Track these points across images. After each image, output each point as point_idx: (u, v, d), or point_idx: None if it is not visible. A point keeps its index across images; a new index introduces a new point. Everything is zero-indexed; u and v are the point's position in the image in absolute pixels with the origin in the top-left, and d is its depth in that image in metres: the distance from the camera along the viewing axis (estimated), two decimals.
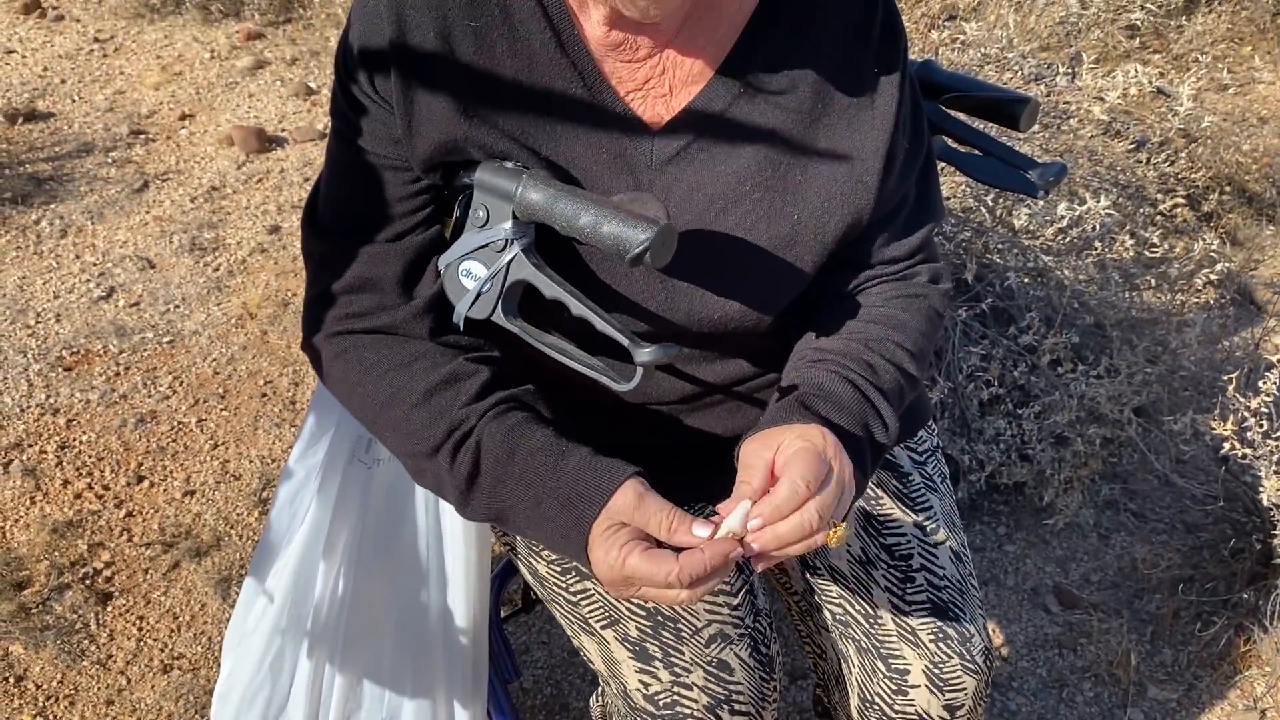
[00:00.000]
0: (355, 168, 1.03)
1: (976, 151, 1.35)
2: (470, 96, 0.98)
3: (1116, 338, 2.34)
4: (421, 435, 1.00)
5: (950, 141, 1.39)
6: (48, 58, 4.35)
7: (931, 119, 1.36)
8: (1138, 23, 2.87)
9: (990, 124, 1.41)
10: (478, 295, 1.02)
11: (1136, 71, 2.20)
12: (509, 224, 0.99)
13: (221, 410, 2.58)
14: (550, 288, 0.99)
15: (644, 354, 0.96)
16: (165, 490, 2.36)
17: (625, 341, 0.97)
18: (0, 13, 4.75)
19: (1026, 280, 2.39)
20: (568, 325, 1.01)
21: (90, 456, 2.42)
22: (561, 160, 1.01)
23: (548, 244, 1.01)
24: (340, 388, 1.07)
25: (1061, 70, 2.63)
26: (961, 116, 1.37)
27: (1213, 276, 2.43)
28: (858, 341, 1.07)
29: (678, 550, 0.88)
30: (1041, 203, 2.29)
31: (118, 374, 2.66)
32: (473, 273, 1.02)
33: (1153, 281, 2.47)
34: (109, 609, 2.09)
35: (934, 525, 1.27)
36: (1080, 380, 2.25)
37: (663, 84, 1.01)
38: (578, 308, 0.98)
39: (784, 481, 0.87)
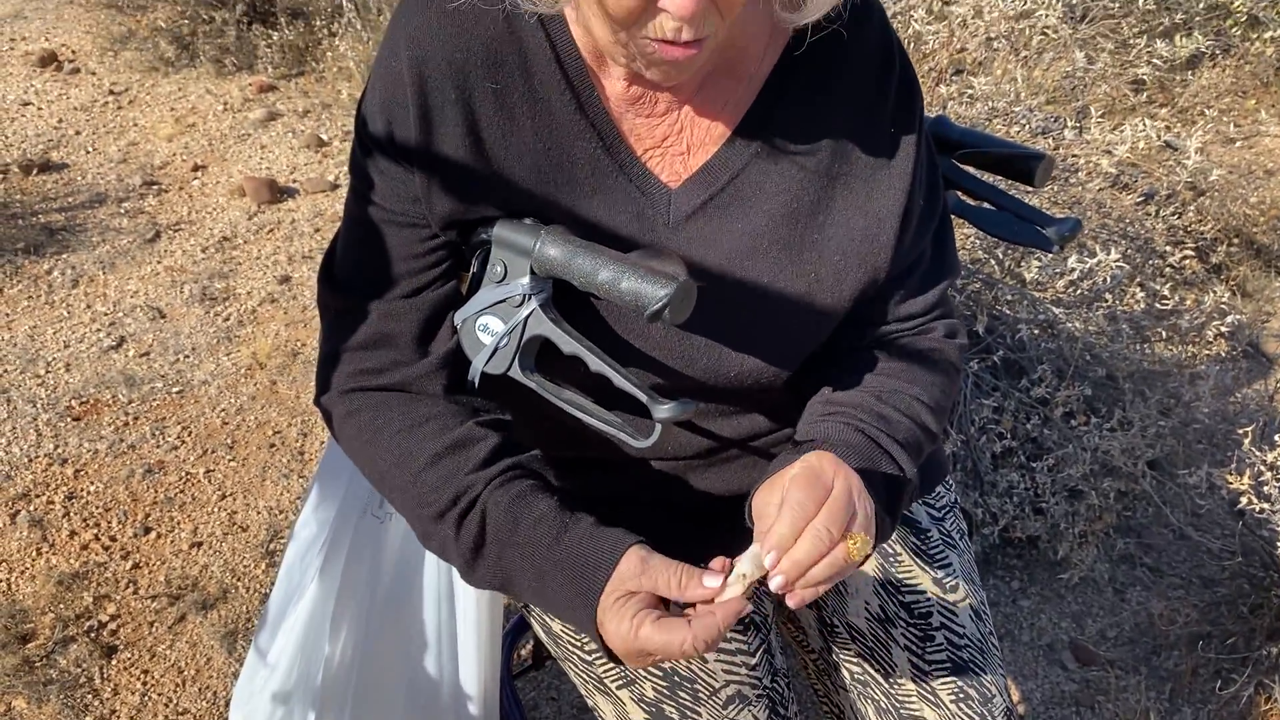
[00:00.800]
0: (372, 224, 1.03)
1: (990, 206, 1.35)
2: (490, 157, 0.98)
3: (1129, 390, 2.33)
4: (428, 499, 1.00)
5: (964, 196, 1.39)
6: (63, 110, 4.39)
7: (946, 174, 1.36)
8: (1144, 77, 2.89)
9: (1002, 178, 1.41)
10: (494, 350, 1.02)
11: (1145, 125, 2.21)
12: (527, 279, 0.99)
13: (229, 461, 2.57)
14: (568, 343, 0.99)
15: (662, 410, 0.95)
16: (172, 541, 2.34)
17: (644, 398, 0.96)
18: (17, 65, 4.81)
19: (1037, 332, 2.38)
20: (585, 380, 1.01)
21: (97, 507, 2.41)
22: (579, 218, 1.01)
23: (565, 299, 1.01)
24: (352, 446, 1.06)
25: (1069, 124, 2.65)
26: (975, 171, 1.38)
27: (1224, 329, 2.43)
28: (870, 394, 1.07)
29: (690, 605, 0.87)
30: (1051, 255, 2.30)
31: (126, 424, 2.66)
32: (490, 328, 1.02)
33: (1164, 334, 2.47)
34: (114, 663, 2.06)
35: (953, 582, 1.25)
36: (1093, 433, 2.24)
37: (680, 142, 1.02)
38: (595, 364, 0.98)
39: (785, 507, 0.86)
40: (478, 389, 1.05)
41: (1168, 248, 2.75)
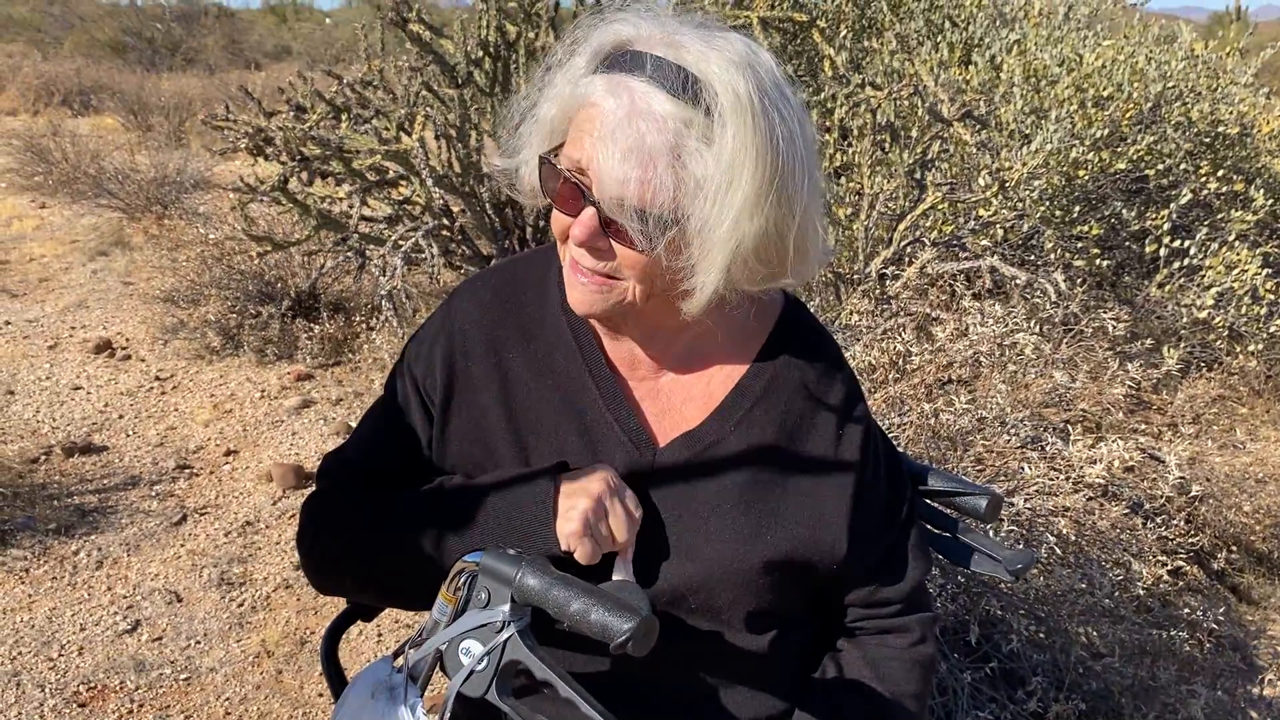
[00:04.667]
0: (385, 419, 1.28)
1: (949, 535, 1.45)
2: (506, 417, 1.20)
3: (1126, 705, 2.32)
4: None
5: (929, 526, 1.49)
6: (110, 394, 4.67)
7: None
8: (1123, 395, 3.06)
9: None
10: (471, 672, 1.10)
11: (1119, 446, 2.34)
12: (507, 606, 1.09)
13: None
14: (541, 669, 1.07)
15: None
16: None
17: None
18: (74, 351, 5.16)
19: (1031, 637, 2.41)
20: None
21: None
22: (580, 464, 1.18)
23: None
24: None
25: (1054, 433, 2.78)
26: (933, 503, 1.48)
27: (1222, 641, 2.44)
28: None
29: None
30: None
31: (131, 711, 2.68)
32: (471, 650, 1.11)
33: (1160, 643, 2.48)
34: None
35: None
36: None
37: (664, 406, 1.21)
38: (565, 690, 1.05)
39: None
40: (450, 710, 1.12)
41: (1162, 557, 2.80)
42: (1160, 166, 4.69)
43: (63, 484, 3.79)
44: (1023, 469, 2.40)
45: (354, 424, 4.40)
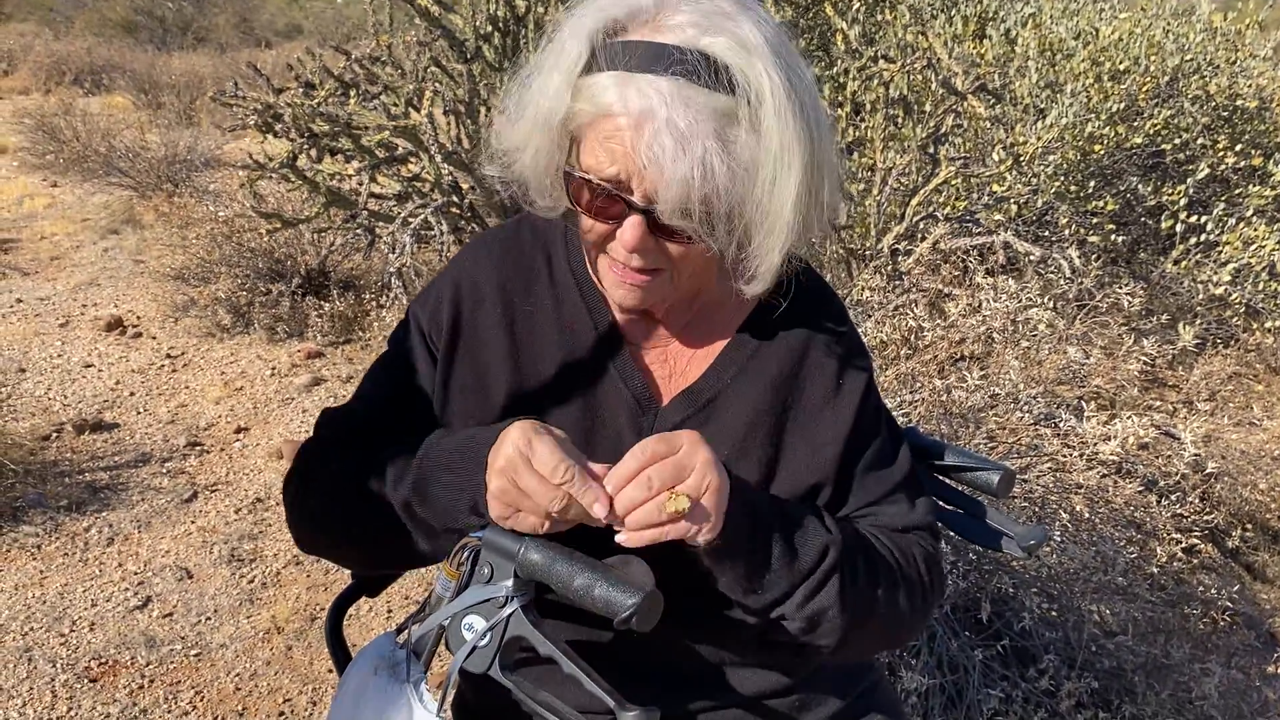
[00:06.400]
0: (390, 377, 1.25)
1: (961, 511, 1.43)
2: (521, 366, 1.19)
3: (1139, 682, 2.31)
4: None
5: (940, 503, 1.47)
6: (121, 372, 4.67)
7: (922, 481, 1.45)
8: (1138, 371, 3.03)
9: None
10: (474, 648, 1.09)
11: (1133, 422, 2.31)
12: (510, 582, 1.07)
13: None
14: (544, 645, 1.06)
15: (628, 716, 1.00)
16: None
17: (611, 703, 1.02)
18: (86, 329, 5.16)
19: (1043, 615, 2.39)
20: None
21: None
22: (584, 416, 1.18)
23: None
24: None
25: (1068, 410, 2.75)
26: (946, 479, 1.46)
27: (1236, 619, 2.42)
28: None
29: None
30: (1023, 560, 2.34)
31: (141, 687, 2.69)
32: (474, 626, 1.09)
33: (1175, 623, 2.46)
34: None
35: None
36: None
37: (668, 368, 1.22)
38: (569, 666, 1.04)
39: (631, 451, 0.99)
40: (452, 682, 1.11)
41: (1176, 534, 2.78)
42: (1177, 141, 4.63)
43: (74, 461, 3.80)
44: (1037, 446, 2.37)
45: None
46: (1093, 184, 4.48)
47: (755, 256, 1.04)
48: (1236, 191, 4.70)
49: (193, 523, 3.48)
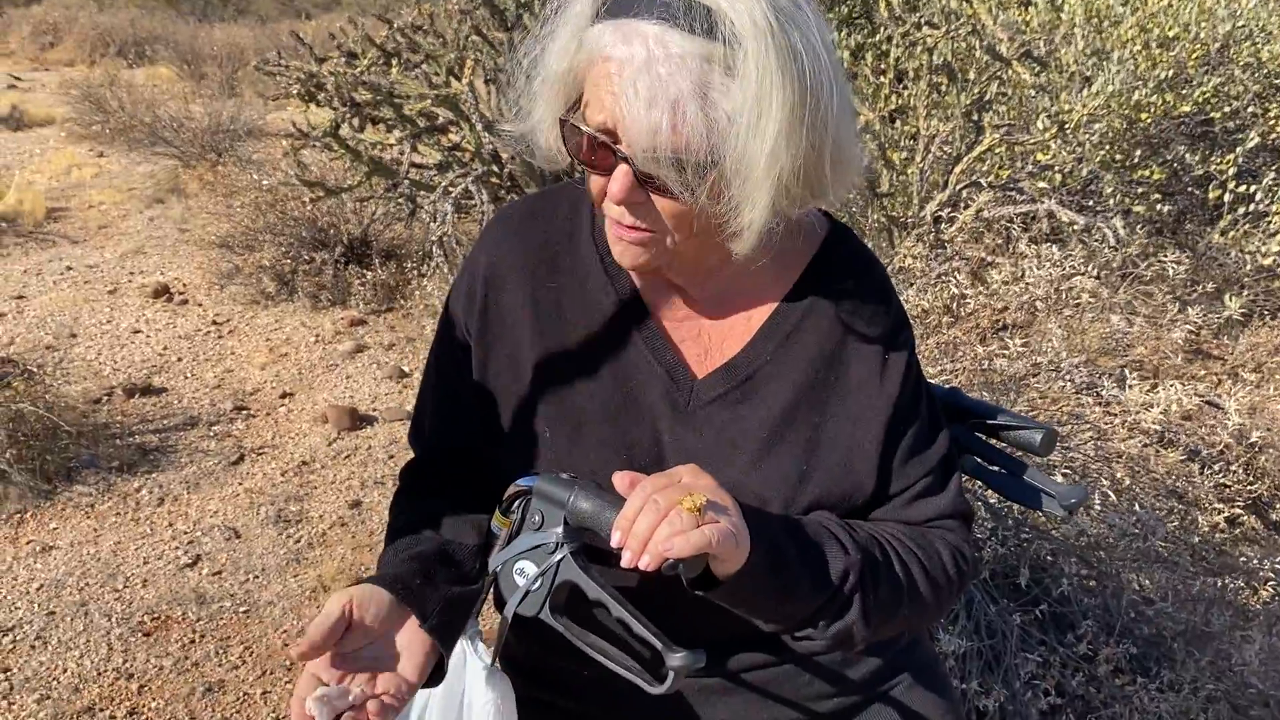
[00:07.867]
0: (440, 375, 1.29)
1: (1003, 471, 1.44)
2: (538, 349, 1.19)
3: (1178, 649, 2.30)
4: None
5: (980, 461, 1.48)
6: (169, 338, 4.76)
7: (963, 441, 1.46)
8: (1183, 339, 3.00)
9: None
10: (526, 593, 1.12)
11: (1177, 389, 2.30)
12: (560, 529, 1.10)
13: (287, 683, 2.64)
14: (593, 589, 1.08)
15: (675, 659, 1.03)
16: None
17: (659, 645, 1.05)
18: (134, 296, 5.26)
19: (1082, 583, 2.39)
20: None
21: None
22: (617, 395, 1.18)
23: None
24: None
25: (1110, 379, 2.74)
26: (988, 439, 1.47)
27: (1278, 589, 2.41)
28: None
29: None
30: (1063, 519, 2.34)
31: (193, 641, 2.76)
32: (525, 571, 1.13)
33: (1215, 588, 2.46)
34: None
35: None
36: (1141, 693, 2.21)
37: (700, 343, 1.19)
38: (617, 610, 1.07)
39: (635, 490, 0.99)
40: (508, 628, 1.14)
41: (1218, 505, 2.76)
42: (1227, 109, 4.55)
43: (124, 424, 3.89)
44: (1079, 414, 2.37)
45: (405, 369, 4.46)
46: (1139, 153, 4.42)
47: (737, 212, 1.00)
48: None
49: (240, 484, 3.55)
